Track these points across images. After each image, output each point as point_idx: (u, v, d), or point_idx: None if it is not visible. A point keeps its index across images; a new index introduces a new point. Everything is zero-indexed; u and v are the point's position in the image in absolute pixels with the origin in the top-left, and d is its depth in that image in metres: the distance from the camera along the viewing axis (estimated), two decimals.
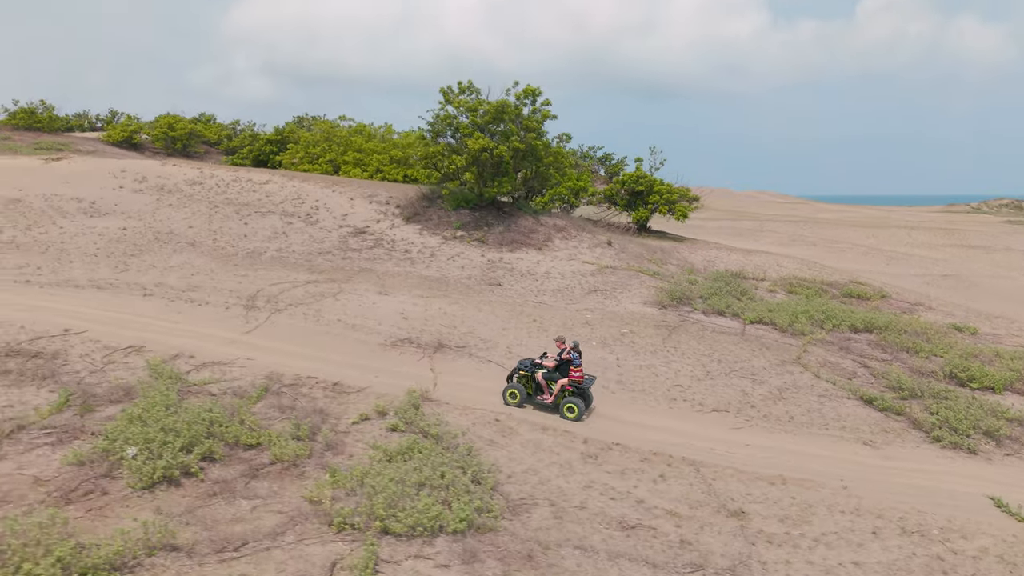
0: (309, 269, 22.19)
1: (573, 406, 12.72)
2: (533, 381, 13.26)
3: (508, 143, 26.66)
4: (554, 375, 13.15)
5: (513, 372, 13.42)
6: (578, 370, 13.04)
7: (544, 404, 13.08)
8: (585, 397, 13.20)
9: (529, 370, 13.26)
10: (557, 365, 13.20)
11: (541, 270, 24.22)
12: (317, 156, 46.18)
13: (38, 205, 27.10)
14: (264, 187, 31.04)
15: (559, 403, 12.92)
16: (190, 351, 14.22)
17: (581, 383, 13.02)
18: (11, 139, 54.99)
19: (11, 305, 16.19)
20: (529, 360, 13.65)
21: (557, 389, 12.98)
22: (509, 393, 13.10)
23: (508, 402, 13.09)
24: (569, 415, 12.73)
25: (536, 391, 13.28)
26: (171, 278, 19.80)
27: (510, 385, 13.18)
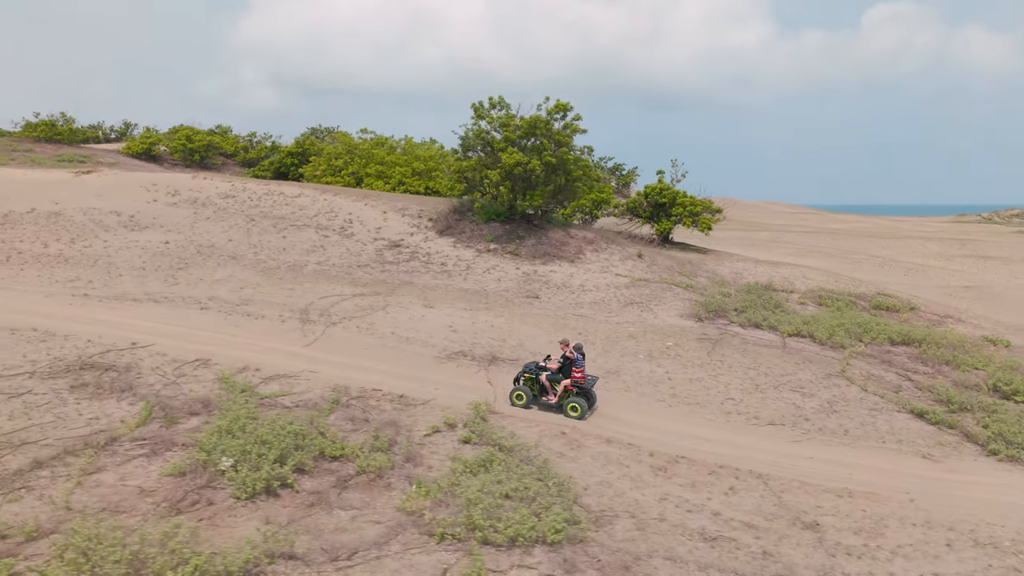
0: (352, 282, 22.60)
1: (576, 405, 13.24)
2: (538, 383, 13.79)
3: (541, 157, 27.09)
4: (557, 376, 13.68)
5: (519, 375, 13.96)
6: (580, 371, 13.53)
7: (548, 404, 13.60)
8: (588, 396, 13.65)
9: (534, 373, 13.82)
10: (560, 367, 13.74)
11: (576, 282, 24.58)
12: (339, 169, 46.70)
13: (79, 219, 27.62)
14: (296, 200, 31.54)
15: (563, 403, 13.45)
16: (255, 364, 14.60)
17: (583, 383, 13.52)
18: (33, 151, 55.72)
19: (75, 319, 16.63)
20: (534, 363, 14.14)
21: (560, 390, 13.50)
22: (516, 395, 13.62)
23: (515, 403, 13.56)
24: (572, 414, 13.23)
25: (541, 392, 13.80)
26: (221, 291, 20.23)
27: (516, 387, 13.70)
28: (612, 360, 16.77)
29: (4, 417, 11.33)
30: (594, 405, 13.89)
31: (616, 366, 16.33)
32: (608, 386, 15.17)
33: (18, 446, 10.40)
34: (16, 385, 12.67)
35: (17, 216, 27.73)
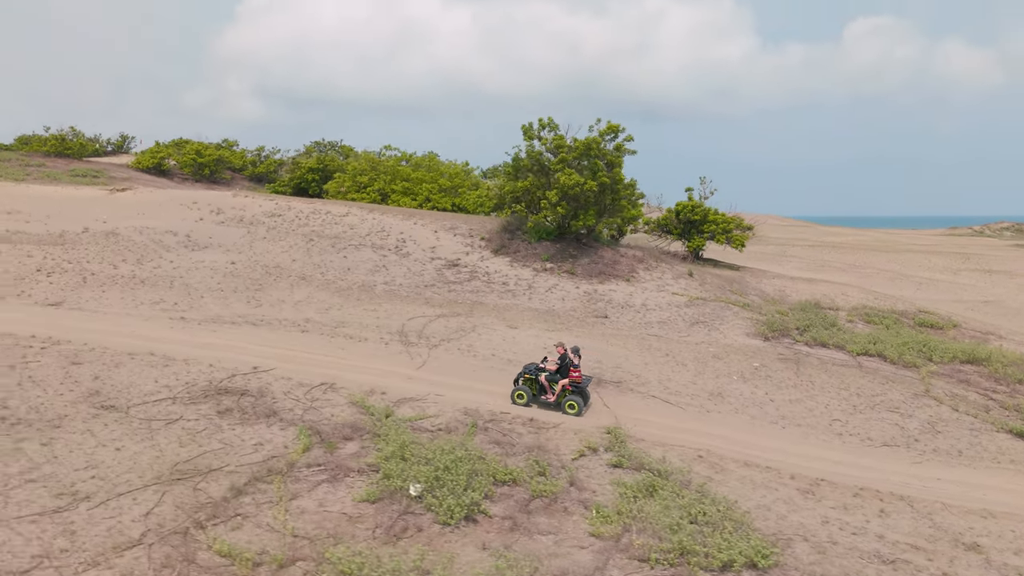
0: (426, 302, 22.98)
1: (573, 403, 14.37)
2: (537, 383, 14.79)
3: (596, 178, 27.71)
4: (555, 376, 14.69)
5: (519, 376, 14.94)
6: (576, 371, 14.61)
7: (547, 403, 14.62)
8: (583, 395, 14.73)
9: (533, 374, 14.82)
10: (559, 367, 14.76)
11: (637, 301, 25.15)
12: (364, 185, 46.97)
13: (137, 239, 27.75)
14: (345, 220, 31.87)
15: (561, 401, 14.52)
16: (379, 387, 14.97)
17: (580, 382, 14.62)
18: (45, 166, 55.52)
19: (184, 343, 16.88)
20: (533, 364, 15.13)
21: (559, 389, 14.54)
22: (517, 394, 14.68)
23: (516, 402, 14.64)
24: (570, 411, 14.38)
25: (540, 392, 14.81)
26: (309, 312, 20.53)
27: (517, 387, 14.76)
28: (709, 381, 17.31)
29: (174, 443, 11.62)
30: (589, 402, 14.95)
31: (717, 388, 16.87)
32: (720, 408, 15.71)
33: (206, 473, 10.70)
34: (164, 411, 12.95)
35: (73, 236, 27.79)
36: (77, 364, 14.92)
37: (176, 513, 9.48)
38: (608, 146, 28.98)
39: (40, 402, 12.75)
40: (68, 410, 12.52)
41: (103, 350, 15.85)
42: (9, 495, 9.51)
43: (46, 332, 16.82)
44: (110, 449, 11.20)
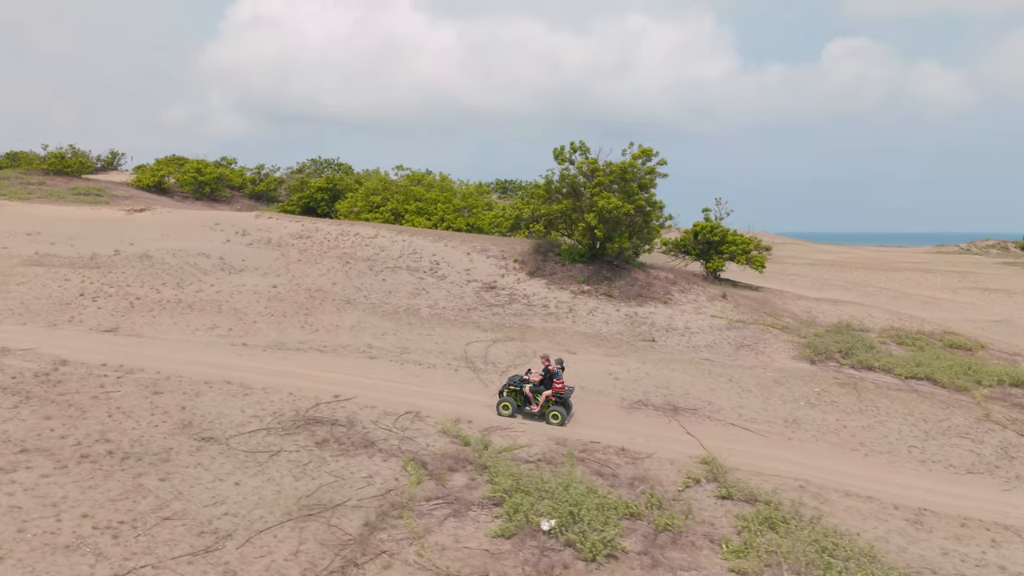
0: (476, 326, 22.99)
1: (557, 414, 14.96)
2: (522, 394, 15.32)
3: (632, 201, 28.04)
4: (540, 388, 15.23)
5: (504, 388, 15.47)
6: (560, 383, 15.21)
7: (531, 413, 15.17)
8: (566, 405, 15.28)
9: (518, 385, 15.39)
10: (543, 379, 15.28)
11: (679, 324, 25.36)
12: (377, 205, 46.99)
13: (171, 261, 27.48)
14: (375, 241, 31.84)
15: (545, 412, 15.07)
16: (464, 416, 14.96)
17: (563, 393, 15.20)
18: (45, 184, 54.87)
19: (256, 370, 16.74)
20: (518, 376, 15.73)
21: (543, 400, 15.10)
22: (502, 406, 15.22)
23: (501, 413, 15.19)
24: (553, 421, 14.95)
25: (525, 403, 15.34)
26: (367, 338, 20.45)
27: (502, 399, 15.28)
28: (779, 407, 17.50)
29: (288, 477, 11.51)
30: (571, 412, 15.47)
31: (789, 414, 17.06)
32: (798, 435, 15.88)
33: (333, 508, 10.61)
34: (263, 443, 12.83)
35: (106, 259, 27.46)
36: (158, 393, 14.73)
37: (323, 551, 9.39)
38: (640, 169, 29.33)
39: (139, 434, 12.57)
40: (170, 442, 12.36)
41: (178, 379, 15.68)
42: (153, 534, 9.36)
43: (114, 360, 16.60)
44: (228, 484, 11.07)
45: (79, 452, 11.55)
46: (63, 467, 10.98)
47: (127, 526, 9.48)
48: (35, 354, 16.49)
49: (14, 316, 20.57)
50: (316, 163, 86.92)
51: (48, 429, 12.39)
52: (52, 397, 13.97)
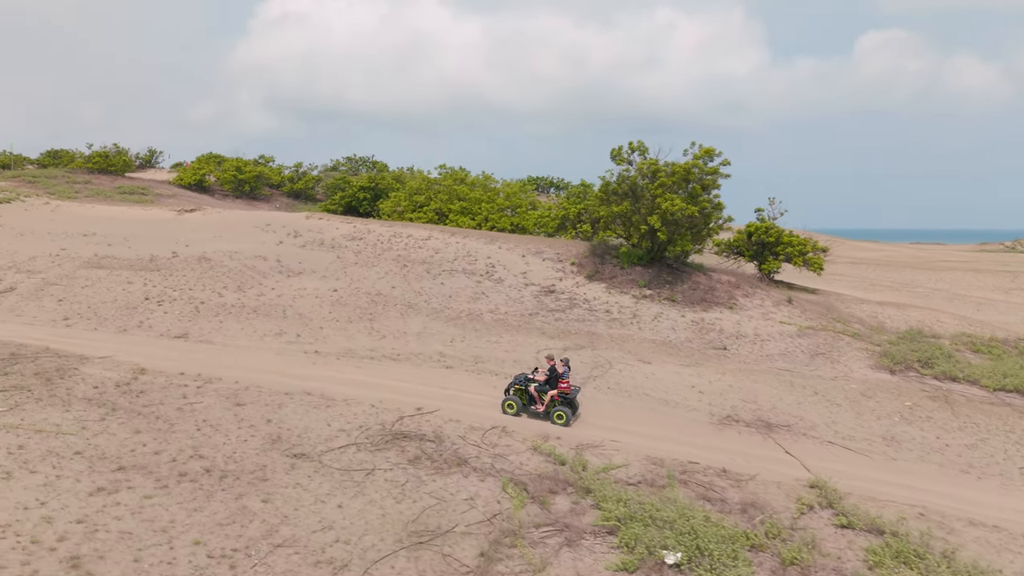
0: (542, 333, 22.47)
1: (562, 413, 14.71)
2: (527, 393, 15.07)
3: (697, 203, 27.27)
4: (545, 387, 15.00)
5: (509, 386, 15.26)
6: (565, 382, 14.92)
7: (536, 413, 14.95)
8: (571, 405, 15.03)
9: (523, 384, 15.15)
10: (548, 378, 15.05)
11: (748, 331, 24.55)
12: (421, 204, 46.69)
13: (229, 264, 27.39)
14: (428, 243, 31.47)
15: (550, 411, 14.85)
16: (551, 431, 14.44)
17: (568, 393, 14.94)
18: (91, 183, 55.62)
19: (335, 380, 16.41)
20: (523, 375, 15.50)
21: (548, 399, 14.86)
22: (507, 404, 15.03)
23: (506, 412, 15.00)
24: (558, 421, 14.71)
25: (530, 402, 15.10)
26: (436, 345, 20.05)
27: (508, 397, 15.10)
28: (873, 423, 16.69)
29: (389, 499, 11.10)
30: (577, 413, 15.25)
31: (886, 431, 16.26)
32: (902, 455, 15.09)
33: (443, 534, 10.18)
34: (353, 460, 12.44)
35: (165, 261, 27.47)
36: (241, 405, 14.46)
37: None
38: (703, 170, 28.52)
39: (231, 450, 12.28)
40: (263, 459, 12.03)
41: (257, 389, 15.41)
42: (269, 563, 9.00)
43: (191, 368, 16.41)
44: (331, 506, 10.69)
45: (176, 470, 11.27)
46: (164, 487, 10.69)
47: (241, 554, 9.14)
48: (113, 362, 16.36)
49: (84, 320, 20.56)
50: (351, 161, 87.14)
51: (140, 444, 12.15)
52: (137, 409, 13.76)
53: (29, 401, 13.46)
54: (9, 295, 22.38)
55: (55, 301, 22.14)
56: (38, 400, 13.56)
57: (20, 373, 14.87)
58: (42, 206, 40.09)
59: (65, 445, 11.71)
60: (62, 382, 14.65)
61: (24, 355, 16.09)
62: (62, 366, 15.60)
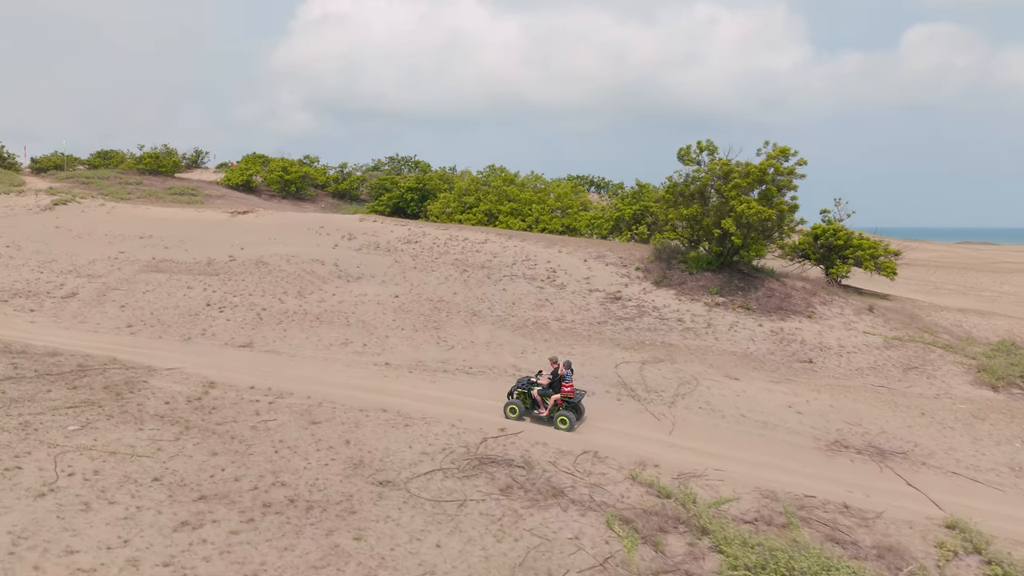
0: (615, 343, 21.33)
1: (565, 418, 14.21)
2: (530, 397, 14.64)
3: (773, 205, 25.81)
4: (548, 391, 14.59)
5: (513, 389, 14.80)
6: (569, 385, 14.48)
7: (540, 417, 14.51)
8: (576, 410, 14.61)
9: (526, 388, 14.74)
10: (551, 382, 14.62)
11: (832, 342, 23.02)
12: (470, 206, 45.82)
13: (287, 268, 26.87)
14: (485, 247, 30.55)
15: (553, 415, 14.43)
16: (648, 458, 13.32)
17: (572, 397, 14.49)
18: (142, 184, 56.16)
19: (411, 395, 15.55)
20: (527, 378, 15.11)
21: (551, 403, 14.44)
22: (509, 408, 14.60)
23: (508, 416, 14.58)
24: (562, 426, 14.21)
25: (533, 406, 14.69)
26: (507, 356, 19.09)
27: (510, 401, 14.64)
28: (994, 450, 15.17)
29: (489, 537, 10.12)
30: (582, 417, 14.80)
31: (1010, 460, 14.73)
32: None
33: None
34: (443, 489, 11.51)
35: (223, 265, 27.09)
36: (316, 423, 13.68)
37: None
38: (780, 171, 26.99)
39: (313, 476, 11.45)
40: (348, 487, 11.18)
41: (331, 405, 14.62)
42: None
43: (260, 381, 15.72)
44: (428, 545, 9.75)
45: (260, 500, 10.47)
46: (249, 520, 9.89)
47: None
48: (182, 374, 15.76)
49: (148, 328, 20.12)
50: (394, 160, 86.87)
51: (219, 468, 11.40)
52: (211, 427, 13.07)
53: (100, 418, 12.87)
54: (72, 300, 22.12)
55: (117, 307, 21.80)
56: (109, 417, 12.96)
57: (89, 387, 14.34)
58: (97, 208, 40.36)
59: (142, 469, 11.03)
60: (132, 396, 14.07)
61: (92, 367, 15.59)
62: (131, 379, 15.04)
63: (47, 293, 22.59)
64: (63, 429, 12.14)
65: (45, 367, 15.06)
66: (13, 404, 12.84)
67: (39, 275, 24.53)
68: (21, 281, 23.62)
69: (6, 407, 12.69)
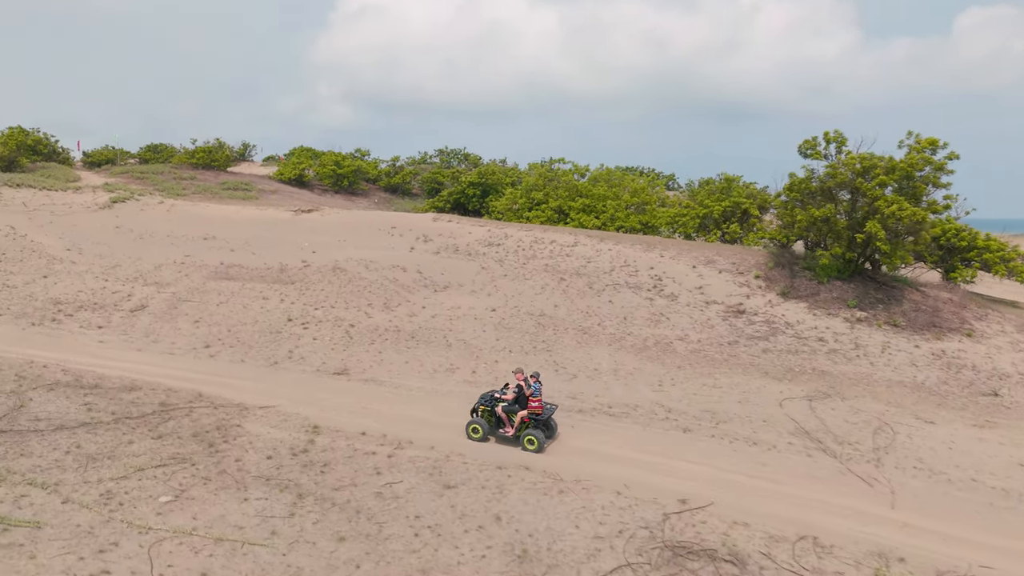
0: (760, 370, 18.22)
1: (533, 438, 12.65)
2: (494, 415, 13.17)
3: (924, 205, 22.30)
4: (514, 407, 13.05)
5: (475, 406, 13.39)
6: (536, 400, 12.98)
7: (506, 437, 13.03)
8: (547, 427, 13.18)
9: (490, 404, 13.21)
10: (517, 397, 13.05)
11: (1006, 367, 19.49)
12: (539, 202, 42.77)
13: (366, 275, 24.36)
14: (576, 250, 27.61)
15: (520, 435, 12.86)
16: (885, 544, 10.29)
17: (540, 414, 12.94)
18: (196, 179, 54.61)
19: (551, 447, 12.72)
20: (490, 393, 13.54)
21: (517, 421, 12.91)
22: (472, 428, 13.08)
23: (471, 436, 13.04)
24: (529, 447, 12.66)
25: (497, 424, 13.21)
26: (643, 390, 16.16)
27: (473, 420, 13.14)
28: None
29: None
30: (555, 435, 13.30)
31: None
32: None
33: None
34: None
35: (296, 271, 24.71)
36: (451, 488, 10.98)
37: None
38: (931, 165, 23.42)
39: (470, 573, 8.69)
40: None
41: (461, 459, 11.92)
42: None
43: (371, 425, 13.11)
44: None
45: None
46: None
47: None
48: (278, 415, 13.24)
49: (227, 348, 17.75)
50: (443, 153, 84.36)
51: (353, 566, 8.75)
52: (328, 495, 10.45)
53: (195, 483, 10.35)
54: (141, 314, 19.91)
55: (191, 322, 19.51)
56: (206, 481, 10.44)
57: (176, 434, 11.87)
58: (156, 205, 38.56)
59: (259, 568, 8.41)
60: (228, 448, 11.55)
61: (176, 405, 13.16)
62: (222, 422, 12.55)
63: (114, 305, 20.43)
64: (153, 501, 9.64)
65: (123, 407, 12.66)
66: (92, 464, 10.40)
67: (104, 283, 22.45)
68: (86, 291, 21.54)
69: (84, 469, 10.27)
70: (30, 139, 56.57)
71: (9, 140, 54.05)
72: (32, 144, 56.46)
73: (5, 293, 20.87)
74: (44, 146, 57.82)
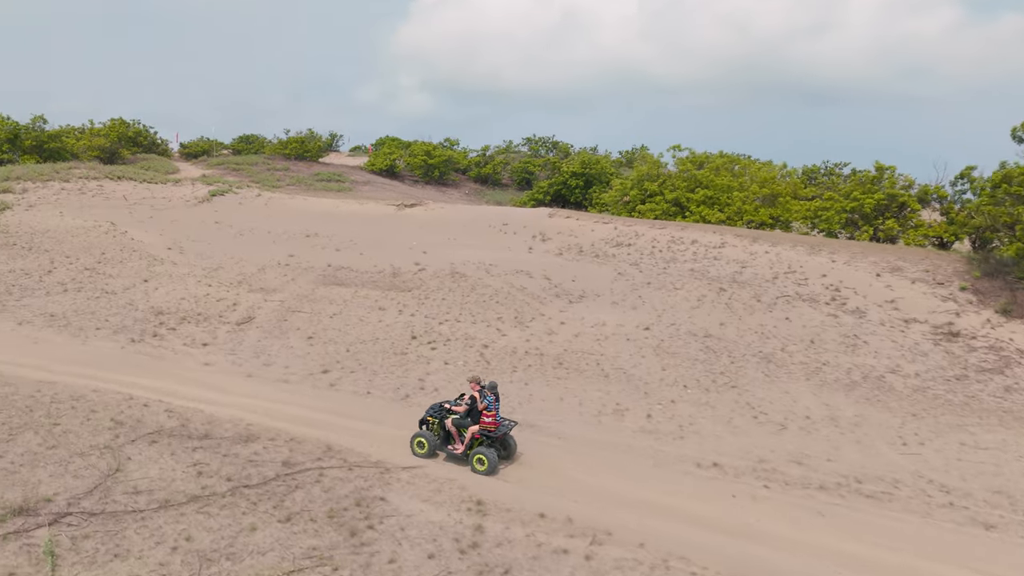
0: (1022, 421, 13.91)
1: (483, 458, 10.87)
2: (443, 428, 11.51)
3: None
4: (466, 421, 11.33)
5: (423, 418, 11.80)
6: (491, 415, 11.13)
7: (454, 455, 11.25)
8: (504, 445, 11.40)
9: (438, 416, 11.58)
10: (468, 410, 11.33)
11: None
12: (652, 194, 38.67)
13: (488, 282, 21.30)
14: (724, 252, 23.69)
15: (469, 454, 11.07)
16: None
17: (493, 431, 11.10)
18: (289, 170, 53.43)
19: (813, 554, 9.11)
20: (439, 404, 11.88)
21: (468, 437, 11.17)
22: (416, 442, 11.36)
23: (416, 452, 11.33)
24: (479, 467, 10.88)
25: (446, 440, 11.50)
26: (883, 450, 12.29)
27: (419, 433, 11.40)
28: None
29: None
30: (513, 454, 11.41)
31: None
32: None
33: None
34: None
35: (411, 276, 21.93)
36: None
37: None
38: None
39: None
40: None
41: (684, 565, 8.47)
42: None
43: (548, 502, 9.88)
44: None
45: None
46: None
47: None
48: (429, 484, 10.23)
49: (348, 375, 15.02)
50: (531, 142, 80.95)
51: None
52: None
53: None
54: (249, 328, 17.52)
55: (304, 338, 16.96)
56: None
57: (309, 514, 9.00)
58: (254, 199, 36.97)
59: None
60: (375, 538, 8.59)
61: (302, 464, 10.36)
62: (361, 493, 9.63)
63: (219, 316, 18.16)
64: None
65: (240, 468, 9.94)
66: (206, 568, 7.57)
67: (207, 289, 20.31)
68: (189, 299, 19.41)
69: None
70: (131, 131, 56.93)
71: (111, 132, 54.45)
72: (133, 136, 56.81)
73: (104, 301, 18.99)
74: (144, 137, 58.19)
